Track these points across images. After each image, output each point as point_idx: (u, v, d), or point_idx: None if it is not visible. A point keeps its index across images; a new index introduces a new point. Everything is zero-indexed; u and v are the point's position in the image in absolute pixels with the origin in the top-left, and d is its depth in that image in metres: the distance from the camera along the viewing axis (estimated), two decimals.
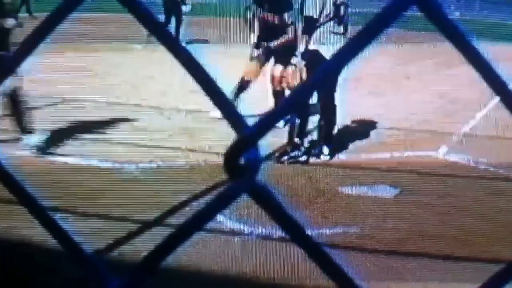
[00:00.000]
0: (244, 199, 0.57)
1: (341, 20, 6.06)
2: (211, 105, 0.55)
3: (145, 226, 4.37)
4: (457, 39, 0.52)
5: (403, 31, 8.45)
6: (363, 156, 6.20)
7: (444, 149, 6.39)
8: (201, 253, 3.95)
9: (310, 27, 6.01)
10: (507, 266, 0.56)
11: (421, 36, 9.71)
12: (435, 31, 0.52)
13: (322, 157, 6.12)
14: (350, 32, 6.04)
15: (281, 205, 0.55)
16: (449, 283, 3.82)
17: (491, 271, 0.55)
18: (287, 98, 0.58)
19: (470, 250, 4.14)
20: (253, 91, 7.24)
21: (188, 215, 1.07)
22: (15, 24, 5.80)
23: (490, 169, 5.76)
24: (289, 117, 6.00)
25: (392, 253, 4.16)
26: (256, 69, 7.15)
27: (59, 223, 0.62)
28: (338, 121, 6.37)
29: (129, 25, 1.43)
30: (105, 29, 10.06)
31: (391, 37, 4.55)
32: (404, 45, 13.36)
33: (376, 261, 4.02)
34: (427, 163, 5.98)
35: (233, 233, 4.31)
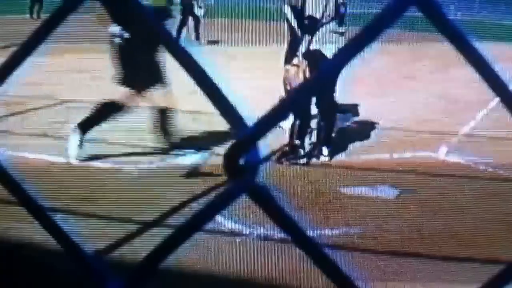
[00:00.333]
0: (243, 199, 0.57)
1: (342, 20, 6.06)
2: (211, 106, 0.55)
3: (145, 226, 4.37)
4: (457, 39, 0.52)
5: (403, 31, 8.46)
6: (363, 156, 6.20)
7: (444, 150, 6.39)
8: (200, 254, 3.95)
9: (312, 27, 6.00)
10: (507, 266, 0.56)
11: (421, 36, 9.71)
12: (435, 31, 0.52)
13: (322, 158, 6.12)
14: (347, 32, 6.04)
15: (280, 205, 0.55)
16: (450, 284, 3.81)
17: (491, 272, 0.55)
18: (287, 98, 0.58)
19: (470, 250, 4.13)
20: (256, 92, 7.23)
21: (187, 215, 1.07)
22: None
23: (490, 169, 5.76)
24: (292, 117, 6.00)
25: (392, 253, 4.15)
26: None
27: (59, 224, 0.62)
28: (337, 121, 6.38)
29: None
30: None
31: (391, 37, 4.55)
32: (404, 45, 13.38)
33: (376, 262, 4.02)
34: (427, 164, 5.98)
35: (232, 234, 4.30)
